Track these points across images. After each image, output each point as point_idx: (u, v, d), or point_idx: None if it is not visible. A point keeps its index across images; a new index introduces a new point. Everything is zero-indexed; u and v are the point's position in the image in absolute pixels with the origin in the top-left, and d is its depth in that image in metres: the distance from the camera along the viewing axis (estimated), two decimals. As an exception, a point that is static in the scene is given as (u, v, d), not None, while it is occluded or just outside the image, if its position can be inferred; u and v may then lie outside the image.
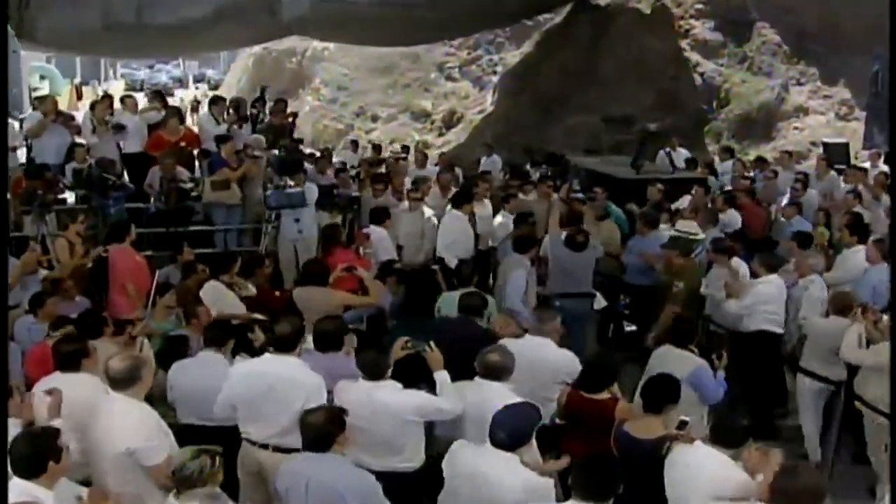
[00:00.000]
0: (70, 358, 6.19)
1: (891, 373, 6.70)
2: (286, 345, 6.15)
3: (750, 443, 5.34)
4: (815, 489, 4.61)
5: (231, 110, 14.70)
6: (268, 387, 5.97)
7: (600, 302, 10.12)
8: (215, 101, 15.26)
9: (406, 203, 11.91)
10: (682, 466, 5.31)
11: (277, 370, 6.01)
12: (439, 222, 11.33)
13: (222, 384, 6.25)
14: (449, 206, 11.38)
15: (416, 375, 6.08)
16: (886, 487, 7.31)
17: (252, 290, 9.13)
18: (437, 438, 6.13)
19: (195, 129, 14.66)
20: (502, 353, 6.11)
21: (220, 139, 13.07)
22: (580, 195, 12.29)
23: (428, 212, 11.69)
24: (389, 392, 5.76)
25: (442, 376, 6.00)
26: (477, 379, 6.06)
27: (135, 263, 9.59)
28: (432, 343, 6.15)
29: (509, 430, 5.12)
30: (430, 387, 6.01)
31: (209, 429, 6.41)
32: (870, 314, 7.74)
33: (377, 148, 19.42)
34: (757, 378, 8.74)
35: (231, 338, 6.89)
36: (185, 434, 6.08)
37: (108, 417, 5.50)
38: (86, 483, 5.41)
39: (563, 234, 9.88)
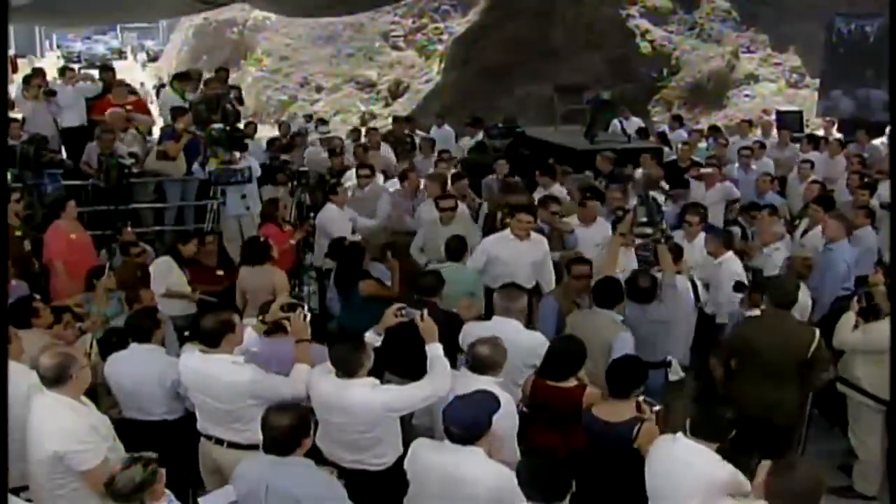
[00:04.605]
0: None
1: (891, 369, 6.46)
2: (211, 341, 5.79)
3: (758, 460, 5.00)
4: (815, 487, 4.33)
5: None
6: (204, 387, 5.72)
7: (677, 371, 7.46)
8: (179, 77, 14.80)
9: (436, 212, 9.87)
10: (666, 461, 5.03)
11: (209, 370, 5.70)
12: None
13: (158, 376, 6.04)
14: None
15: (408, 347, 5.84)
16: (866, 465, 7.32)
17: None
18: (416, 428, 5.84)
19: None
20: (493, 346, 5.74)
21: (176, 111, 12.67)
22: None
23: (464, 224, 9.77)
24: (360, 391, 5.40)
25: (434, 349, 5.64)
26: (463, 370, 5.76)
27: (68, 242, 9.23)
28: (425, 312, 5.78)
29: (463, 424, 4.80)
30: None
31: (151, 423, 6.14)
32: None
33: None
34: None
35: (157, 328, 6.41)
36: (128, 429, 5.80)
37: (38, 418, 5.15)
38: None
39: (623, 280, 7.42)
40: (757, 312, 7.55)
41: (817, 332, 6.82)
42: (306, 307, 6.18)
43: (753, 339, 6.90)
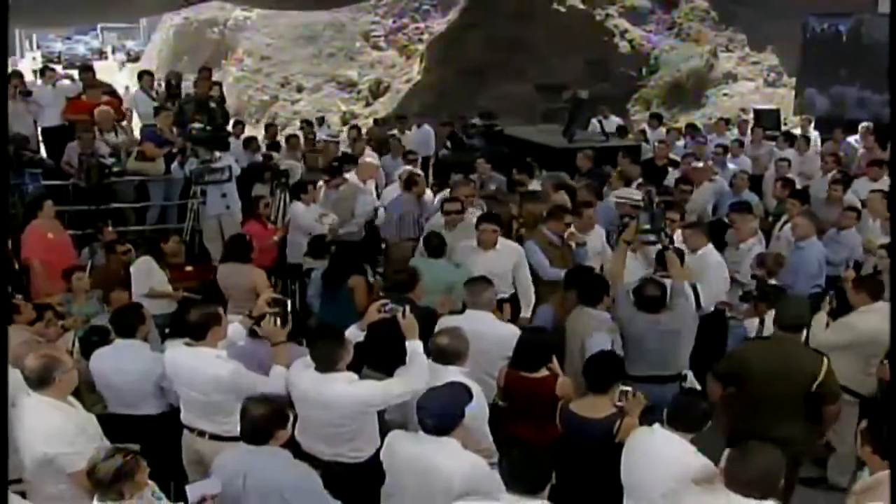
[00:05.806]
0: None
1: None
2: (197, 333, 5.88)
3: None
4: (771, 472, 4.42)
5: (164, 85, 14.50)
6: (188, 379, 5.80)
7: (693, 385, 6.91)
8: (141, 76, 14.83)
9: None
10: (641, 452, 5.11)
11: (193, 363, 5.78)
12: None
13: (143, 371, 6.13)
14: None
15: (388, 343, 5.91)
16: (841, 457, 7.36)
17: None
18: (388, 423, 5.85)
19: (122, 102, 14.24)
20: (454, 336, 5.82)
21: (157, 110, 12.83)
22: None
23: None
24: (339, 386, 5.47)
25: (414, 346, 5.71)
26: (430, 362, 5.77)
27: (46, 241, 9.26)
28: (407, 309, 5.85)
29: (436, 415, 4.87)
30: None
31: (136, 418, 6.20)
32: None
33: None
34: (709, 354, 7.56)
35: (142, 324, 6.46)
36: (114, 424, 5.86)
37: (28, 420, 5.18)
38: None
39: (631, 289, 7.10)
40: (755, 321, 7.64)
41: (826, 360, 6.22)
42: (289, 303, 6.26)
43: (750, 364, 6.33)
